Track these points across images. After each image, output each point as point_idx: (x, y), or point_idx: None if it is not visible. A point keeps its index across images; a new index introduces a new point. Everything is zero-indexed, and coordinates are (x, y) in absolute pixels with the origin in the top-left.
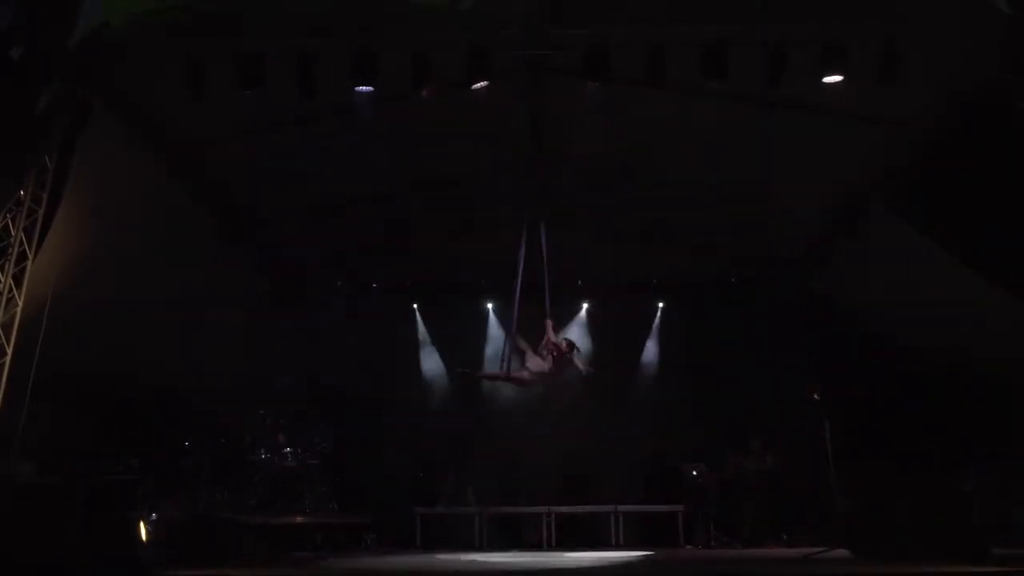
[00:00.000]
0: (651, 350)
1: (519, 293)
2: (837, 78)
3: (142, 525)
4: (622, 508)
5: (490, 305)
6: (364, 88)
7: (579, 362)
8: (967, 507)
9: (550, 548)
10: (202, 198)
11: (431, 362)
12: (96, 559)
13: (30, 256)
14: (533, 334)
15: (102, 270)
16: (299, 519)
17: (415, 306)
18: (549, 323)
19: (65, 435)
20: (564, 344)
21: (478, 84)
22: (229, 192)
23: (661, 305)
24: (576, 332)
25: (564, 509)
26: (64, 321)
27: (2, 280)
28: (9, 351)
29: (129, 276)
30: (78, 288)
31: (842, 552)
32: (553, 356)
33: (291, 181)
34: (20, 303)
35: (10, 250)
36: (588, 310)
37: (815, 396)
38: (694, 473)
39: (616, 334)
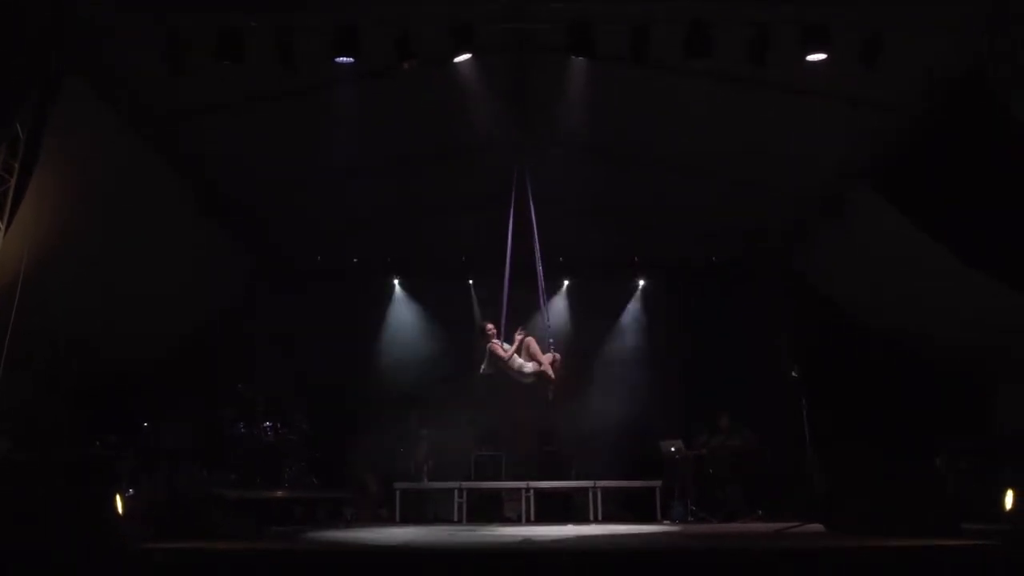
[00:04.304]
0: (631, 328)
1: (508, 275)
2: (821, 56)
3: (119, 500)
4: (600, 483)
5: (471, 282)
6: (345, 59)
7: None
8: (939, 485)
9: (528, 523)
10: (180, 171)
11: (411, 337)
12: (72, 534)
13: (2, 227)
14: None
15: (78, 242)
16: (279, 494)
17: (396, 282)
18: (556, 356)
19: (42, 411)
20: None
21: (460, 58)
22: (207, 165)
23: (642, 283)
24: (556, 308)
25: (542, 484)
26: (39, 294)
27: None
28: None
29: (106, 249)
30: (53, 260)
31: (816, 527)
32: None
33: (270, 154)
34: None
35: None
36: (569, 286)
37: (794, 374)
38: (672, 450)
39: (597, 311)
